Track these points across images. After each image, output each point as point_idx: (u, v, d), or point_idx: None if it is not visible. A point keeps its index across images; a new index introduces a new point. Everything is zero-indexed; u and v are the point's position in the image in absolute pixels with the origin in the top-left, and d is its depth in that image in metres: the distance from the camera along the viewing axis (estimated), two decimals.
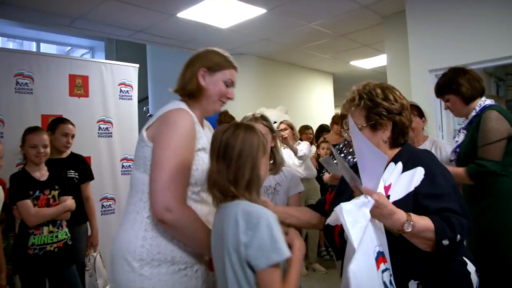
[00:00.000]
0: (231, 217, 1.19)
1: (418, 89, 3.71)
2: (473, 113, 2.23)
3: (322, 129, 5.38)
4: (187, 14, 4.09)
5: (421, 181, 1.33)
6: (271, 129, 1.98)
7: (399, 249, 1.27)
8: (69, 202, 2.67)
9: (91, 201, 3.11)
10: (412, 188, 1.33)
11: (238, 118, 5.14)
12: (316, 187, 4.55)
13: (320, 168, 4.81)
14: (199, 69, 1.53)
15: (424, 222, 1.23)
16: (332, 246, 1.53)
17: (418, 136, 2.79)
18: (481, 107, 2.22)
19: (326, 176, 3.18)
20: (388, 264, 1.21)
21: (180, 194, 1.38)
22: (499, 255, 2.02)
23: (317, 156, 5.02)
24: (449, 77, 2.30)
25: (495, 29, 3.26)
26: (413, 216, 1.23)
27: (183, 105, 1.51)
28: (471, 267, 1.34)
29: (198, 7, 3.94)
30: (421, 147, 2.71)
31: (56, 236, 2.57)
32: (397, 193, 1.35)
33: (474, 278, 1.33)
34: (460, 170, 2.10)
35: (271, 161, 1.94)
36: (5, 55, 3.51)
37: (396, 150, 1.49)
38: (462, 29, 3.43)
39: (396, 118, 1.46)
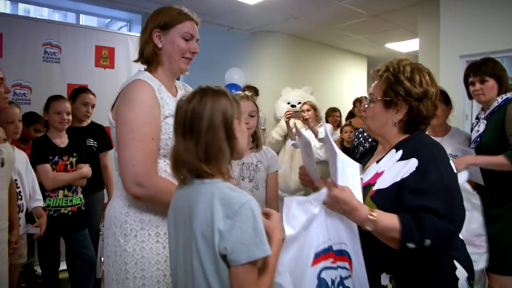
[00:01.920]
0: (205, 198, 1.02)
1: (447, 75, 3.54)
2: (496, 104, 2.25)
3: (352, 114, 5.25)
4: None
5: (410, 173, 1.24)
6: (258, 109, 1.96)
7: (372, 240, 1.23)
8: (85, 169, 2.78)
9: (109, 170, 3.20)
10: (398, 179, 1.26)
11: (264, 96, 5.17)
12: None
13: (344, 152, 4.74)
14: (152, 31, 1.45)
15: (389, 221, 1.17)
16: None
17: (442, 125, 2.66)
18: (503, 98, 2.24)
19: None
20: (344, 264, 1.18)
21: (148, 167, 1.35)
22: None
23: (341, 140, 4.94)
24: (494, 62, 2.30)
25: None
26: (378, 214, 1.18)
27: (142, 76, 1.44)
28: (461, 273, 1.25)
29: None
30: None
31: (71, 201, 2.71)
32: (384, 181, 1.30)
33: (462, 284, 1.24)
34: (498, 158, 2.05)
35: (252, 141, 1.93)
36: (34, 25, 3.64)
37: (404, 136, 1.39)
38: (495, 15, 3.24)
39: (412, 103, 1.34)
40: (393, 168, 1.31)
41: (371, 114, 1.42)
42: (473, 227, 2.03)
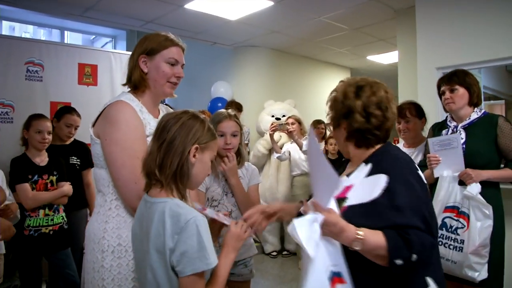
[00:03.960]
0: (157, 216, 1.12)
1: (425, 86, 3.59)
2: (475, 115, 2.34)
3: None
4: (194, 5, 4.11)
5: (382, 190, 1.24)
6: (241, 128, 2.00)
7: (353, 262, 1.22)
8: (66, 187, 2.77)
9: (92, 187, 3.18)
10: (373, 196, 1.25)
11: (247, 110, 5.21)
12: None
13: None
14: (138, 57, 1.51)
15: (376, 239, 1.16)
16: None
17: (416, 138, 2.72)
18: (482, 111, 2.35)
19: None
20: (349, 286, 1.17)
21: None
22: None
23: (326, 152, 4.99)
24: (466, 73, 2.38)
25: (506, 27, 3.13)
26: (366, 232, 1.17)
27: (124, 97, 1.50)
28: None
29: None
30: (413, 151, 2.68)
31: (52, 220, 2.69)
32: (356, 197, 1.29)
33: None
34: (508, 172, 2.21)
35: (237, 157, 1.96)
36: (16, 43, 3.62)
37: (372, 150, 1.40)
38: (470, 28, 3.31)
39: (340, 120, 1.40)
40: (363, 183, 1.31)
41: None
42: (480, 238, 2.08)
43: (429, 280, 1.24)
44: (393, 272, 1.17)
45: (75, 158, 3.15)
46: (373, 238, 1.16)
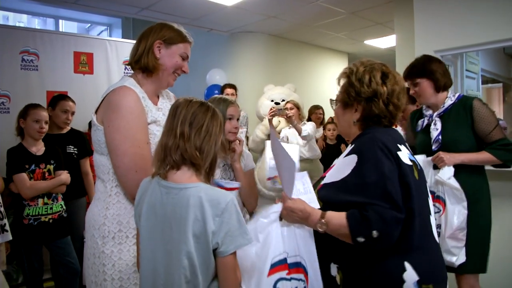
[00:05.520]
0: (193, 201, 1.12)
1: None
2: (449, 102, 2.25)
3: None
4: None
5: (352, 169, 1.27)
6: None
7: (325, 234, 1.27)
8: (64, 176, 2.78)
9: (89, 176, 3.20)
10: (342, 175, 1.29)
11: (246, 95, 5.19)
12: (320, 168, 4.51)
13: (327, 149, 4.80)
14: (154, 41, 1.52)
15: (338, 220, 1.22)
16: None
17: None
18: (457, 96, 2.26)
19: None
20: (300, 276, 1.23)
21: (148, 171, 1.38)
22: None
23: (324, 137, 4.99)
24: (424, 61, 2.27)
25: (503, 9, 3.10)
26: (328, 215, 1.24)
27: (127, 82, 1.49)
28: (410, 276, 1.22)
29: None
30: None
31: (51, 208, 2.70)
32: (330, 177, 1.35)
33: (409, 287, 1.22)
34: (485, 155, 2.12)
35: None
36: (10, 32, 3.60)
37: (358, 132, 1.44)
38: (468, 10, 3.28)
39: (362, 103, 1.38)
40: (340, 163, 1.37)
41: (336, 116, 1.52)
42: (457, 221, 2.07)
43: (407, 265, 1.24)
44: (360, 250, 1.22)
45: (72, 147, 3.14)
46: (335, 219, 1.22)
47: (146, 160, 1.40)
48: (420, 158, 2.11)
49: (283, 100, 4.99)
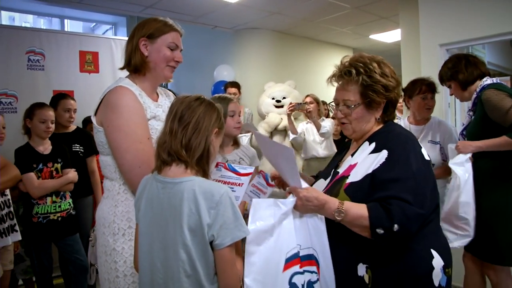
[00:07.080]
0: (187, 195, 1.13)
1: (428, 64, 3.56)
2: (475, 95, 2.32)
3: None
4: None
5: (380, 164, 1.28)
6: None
7: (348, 232, 1.26)
8: (71, 174, 2.80)
9: (96, 175, 3.22)
10: (370, 171, 1.29)
11: (251, 92, 5.20)
12: None
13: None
14: (139, 40, 1.51)
15: (358, 210, 1.21)
16: None
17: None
18: (480, 87, 2.31)
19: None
20: (312, 268, 1.22)
21: (152, 166, 1.38)
22: None
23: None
24: (447, 65, 2.43)
25: (509, 2, 3.07)
26: (347, 204, 1.22)
27: (122, 82, 1.50)
28: (437, 262, 1.26)
29: None
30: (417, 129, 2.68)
31: (59, 206, 2.73)
32: (356, 174, 1.33)
33: (437, 274, 1.25)
34: (502, 139, 2.12)
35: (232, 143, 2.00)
36: (16, 33, 3.64)
37: (377, 128, 1.43)
38: (473, 3, 3.25)
39: (391, 96, 1.40)
40: (366, 161, 1.34)
41: (356, 117, 1.42)
42: (450, 207, 2.13)
43: (434, 252, 1.27)
44: (378, 243, 1.21)
45: (78, 145, 3.17)
46: (355, 209, 1.21)
47: (149, 155, 1.40)
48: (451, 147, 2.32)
49: (284, 98, 4.95)
